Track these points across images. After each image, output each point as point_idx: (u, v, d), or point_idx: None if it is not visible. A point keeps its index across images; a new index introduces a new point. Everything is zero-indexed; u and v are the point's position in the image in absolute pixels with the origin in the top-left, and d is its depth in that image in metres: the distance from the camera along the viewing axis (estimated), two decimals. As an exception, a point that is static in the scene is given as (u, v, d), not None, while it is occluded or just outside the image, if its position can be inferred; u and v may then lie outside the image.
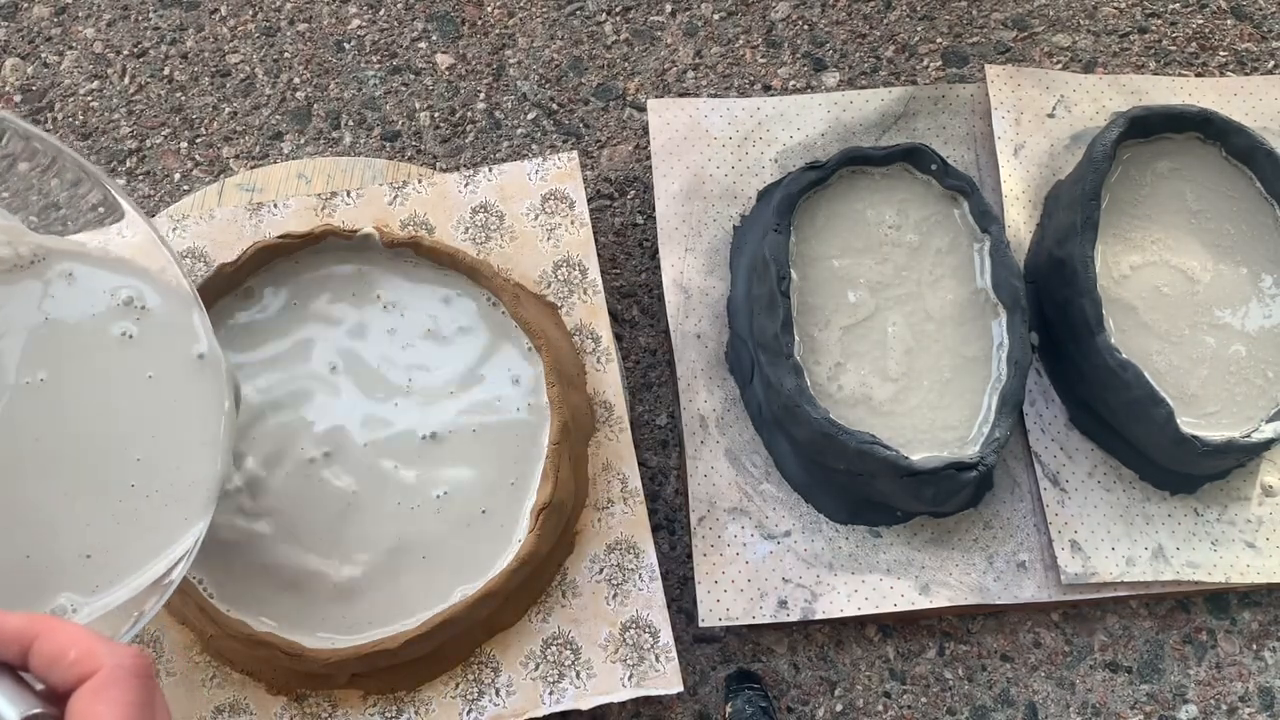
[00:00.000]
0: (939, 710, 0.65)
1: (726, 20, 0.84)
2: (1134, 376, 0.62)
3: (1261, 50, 0.83)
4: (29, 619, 0.32)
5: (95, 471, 0.48)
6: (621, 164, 0.79)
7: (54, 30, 0.83)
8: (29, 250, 0.48)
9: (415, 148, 0.79)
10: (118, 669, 0.31)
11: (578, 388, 0.66)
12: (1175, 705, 0.65)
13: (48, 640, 0.32)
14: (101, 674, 0.31)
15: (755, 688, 0.62)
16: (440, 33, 0.83)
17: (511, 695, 0.60)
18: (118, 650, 0.32)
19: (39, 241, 0.49)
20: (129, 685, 0.31)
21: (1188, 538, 0.65)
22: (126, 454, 0.49)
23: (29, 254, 0.48)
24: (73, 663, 0.31)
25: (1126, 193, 0.70)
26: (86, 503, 0.48)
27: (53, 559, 0.47)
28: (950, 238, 0.69)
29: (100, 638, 0.32)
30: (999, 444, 0.62)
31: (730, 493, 0.66)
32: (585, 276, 0.69)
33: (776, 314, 0.63)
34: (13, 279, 0.48)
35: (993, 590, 0.64)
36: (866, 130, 0.75)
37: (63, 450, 0.48)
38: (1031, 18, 0.84)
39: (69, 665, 0.31)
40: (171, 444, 0.50)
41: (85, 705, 0.31)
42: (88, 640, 0.32)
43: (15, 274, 0.48)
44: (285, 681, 0.60)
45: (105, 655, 0.31)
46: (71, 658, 0.31)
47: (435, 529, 0.61)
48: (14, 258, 0.48)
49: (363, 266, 0.67)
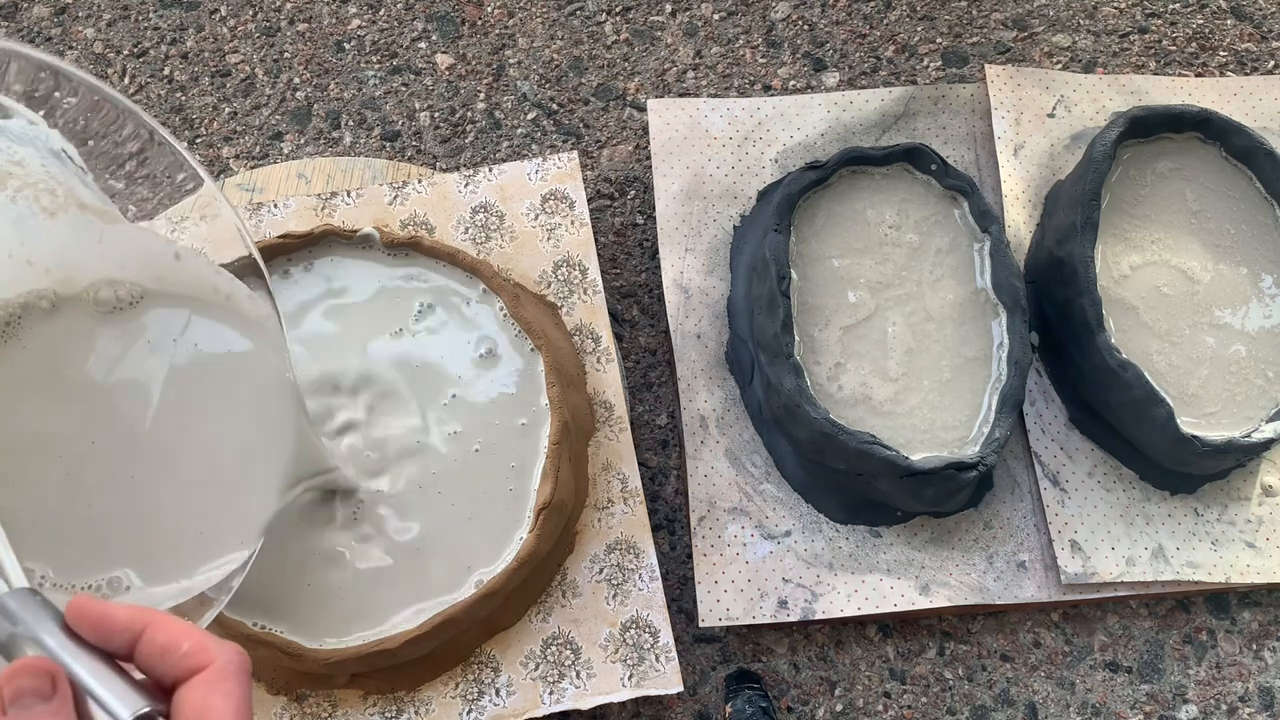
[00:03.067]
0: (939, 710, 0.65)
1: (726, 20, 0.84)
2: (1134, 376, 0.62)
3: (1261, 50, 0.83)
4: (136, 610, 0.33)
5: (184, 477, 0.50)
6: (621, 164, 0.79)
7: (54, 30, 0.83)
8: (127, 293, 0.49)
9: (415, 148, 0.79)
10: (229, 663, 0.32)
11: (578, 388, 0.66)
12: (1175, 705, 0.65)
13: (160, 631, 0.32)
14: (214, 666, 0.32)
15: (755, 688, 0.62)
16: (440, 33, 0.83)
17: (511, 695, 0.60)
18: (226, 646, 0.33)
19: (135, 281, 0.49)
20: (240, 680, 0.32)
21: (1188, 538, 0.65)
22: (217, 464, 0.51)
23: (127, 296, 0.49)
24: (185, 654, 0.32)
25: (1126, 193, 0.70)
26: (172, 501, 0.49)
27: (133, 538, 0.48)
28: (950, 238, 0.69)
29: (208, 634, 0.33)
30: (999, 444, 0.62)
31: (730, 493, 0.66)
32: (585, 276, 0.69)
33: (776, 314, 0.63)
34: (116, 321, 0.49)
35: (993, 590, 0.64)
36: (866, 130, 0.75)
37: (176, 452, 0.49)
38: (1031, 18, 0.84)
39: (182, 656, 0.32)
40: (248, 465, 0.52)
41: (200, 696, 0.31)
42: (199, 634, 0.33)
43: (116, 316, 0.49)
44: (285, 681, 0.60)
45: (216, 650, 0.32)
46: (185, 649, 0.32)
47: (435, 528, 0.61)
48: (113, 300, 0.49)
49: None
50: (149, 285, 0.49)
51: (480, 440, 0.62)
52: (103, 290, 0.48)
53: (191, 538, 0.50)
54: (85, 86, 0.47)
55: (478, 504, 0.61)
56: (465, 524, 0.61)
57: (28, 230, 0.45)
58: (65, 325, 0.47)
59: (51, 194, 0.46)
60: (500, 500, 0.61)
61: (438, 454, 0.62)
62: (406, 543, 0.60)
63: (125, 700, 0.31)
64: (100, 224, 0.48)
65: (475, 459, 0.62)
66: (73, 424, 0.47)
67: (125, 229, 0.49)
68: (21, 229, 0.45)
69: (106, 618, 0.33)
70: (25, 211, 0.45)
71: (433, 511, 0.61)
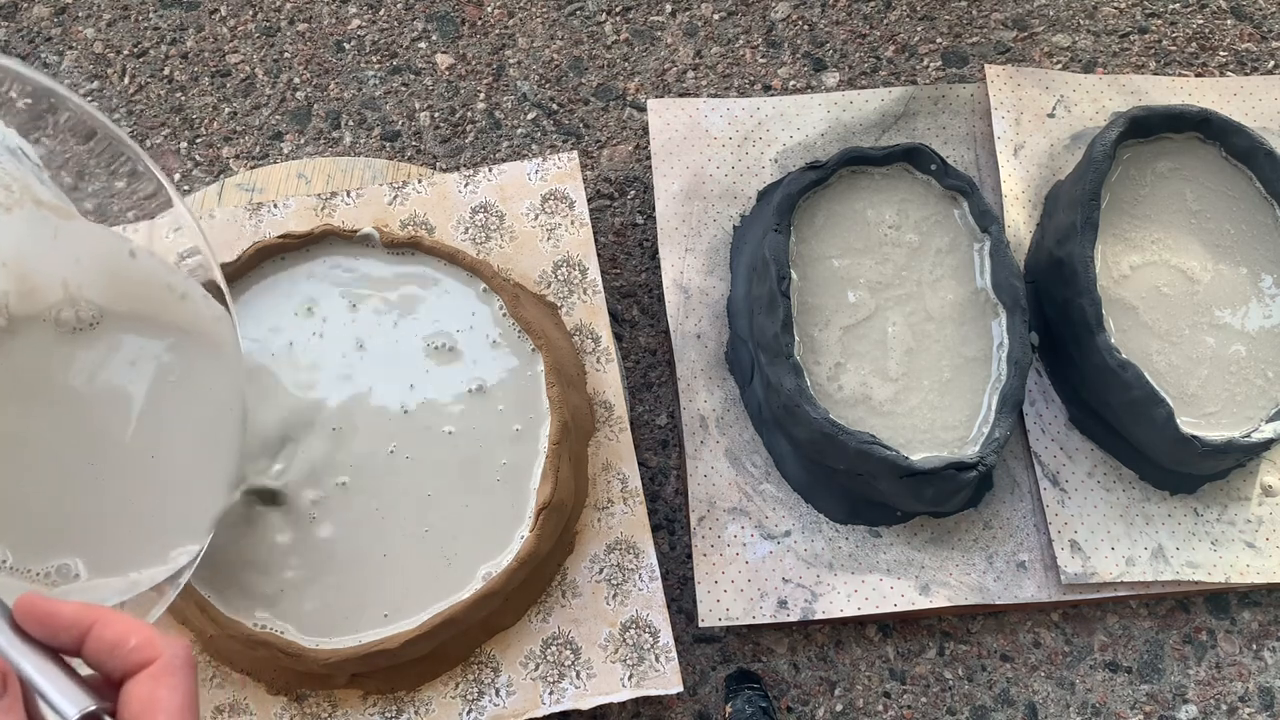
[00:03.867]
0: (939, 710, 0.65)
1: (726, 20, 0.84)
2: (1134, 376, 0.62)
3: (1261, 50, 0.83)
4: (82, 607, 0.33)
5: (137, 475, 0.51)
6: (621, 164, 0.79)
7: (54, 30, 0.83)
8: (86, 313, 0.50)
9: (415, 148, 0.79)
10: (175, 658, 0.33)
11: (578, 388, 0.66)
12: (1175, 705, 0.65)
13: (107, 627, 0.33)
14: (161, 661, 0.32)
15: (755, 688, 0.62)
16: (440, 33, 0.83)
17: (511, 695, 0.60)
18: (172, 641, 0.33)
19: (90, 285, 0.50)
20: (186, 674, 0.33)
21: (1188, 538, 0.65)
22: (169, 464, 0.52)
23: (87, 317, 0.50)
24: (133, 649, 0.32)
25: (1126, 193, 0.70)
26: (125, 497, 0.51)
27: (86, 529, 0.49)
28: (950, 238, 0.69)
29: (155, 629, 0.34)
30: (999, 444, 0.62)
31: (730, 493, 0.66)
32: (585, 276, 0.69)
33: (776, 314, 0.63)
34: (77, 341, 0.50)
35: (993, 590, 0.64)
36: (866, 130, 0.75)
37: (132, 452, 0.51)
38: (1031, 18, 0.84)
39: (129, 652, 0.32)
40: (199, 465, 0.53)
41: (147, 690, 0.32)
42: (146, 630, 0.33)
43: (78, 337, 0.50)
44: (285, 681, 0.60)
45: (163, 645, 0.33)
46: (132, 644, 0.32)
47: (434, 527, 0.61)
48: (74, 321, 0.50)
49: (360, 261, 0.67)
50: (105, 296, 0.50)
51: (480, 440, 0.62)
52: (64, 311, 0.49)
53: (142, 532, 0.51)
54: (38, 88, 0.48)
55: (478, 504, 0.61)
56: (466, 524, 0.61)
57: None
58: (31, 341, 0.48)
59: (7, 189, 0.47)
60: (500, 500, 0.61)
61: (438, 454, 0.62)
62: (407, 542, 0.60)
63: (72, 698, 0.32)
64: (56, 220, 0.49)
65: (475, 459, 0.62)
66: (37, 426, 0.48)
67: (81, 225, 0.50)
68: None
69: (54, 614, 0.33)
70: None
71: (433, 511, 0.61)
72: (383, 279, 0.67)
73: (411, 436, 0.63)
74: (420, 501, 0.61)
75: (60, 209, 0.49)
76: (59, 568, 0.48)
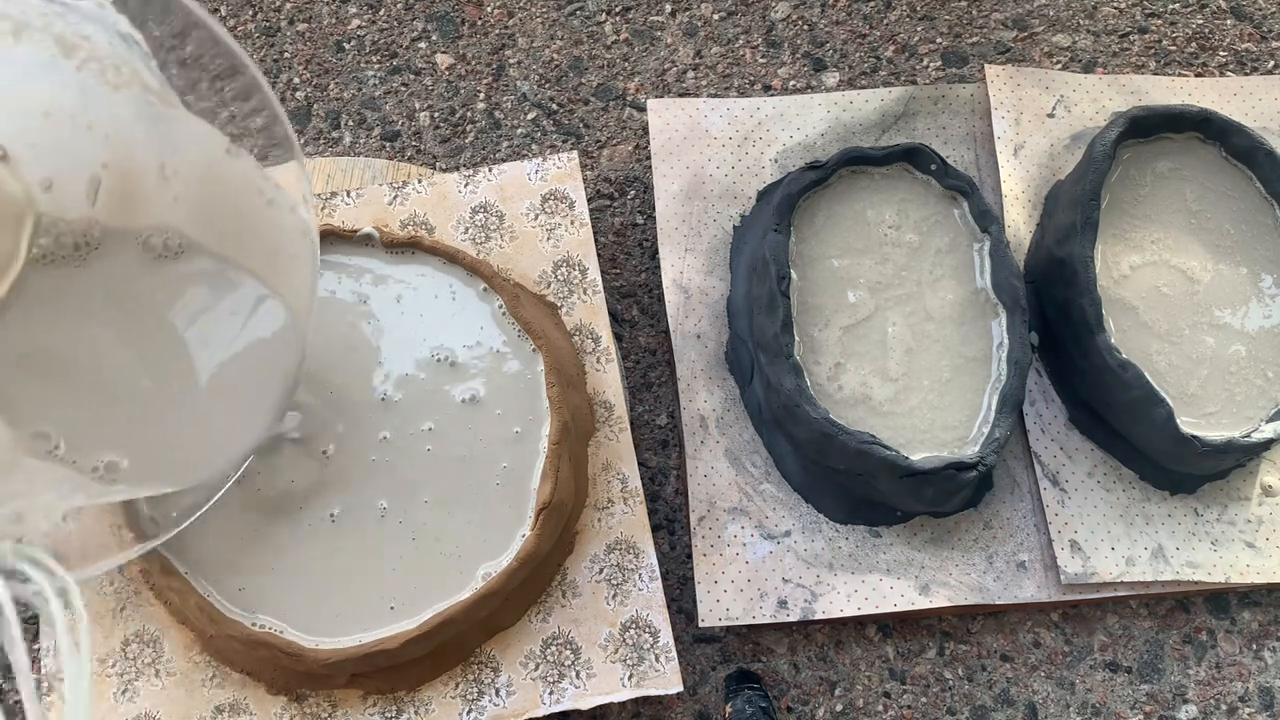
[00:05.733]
0: (939, 710, 0.65)
1: (726, 20, 0.84)
2: (1134, 376, 0.62)
3: (1261, 50, 0.83)
4: None
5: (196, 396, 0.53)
6: (621, 164, 0.79)
7: (54, 30, 0.83)
8: (175, 242, 0.52)
9: (415, 148, 0.79)
10: None
11: (578, 388, 0.66)
12: (1175, 705, 0.65)
13: None
14: None
15: (755, 688, 0.62)
16: (440, 33, 0.83)
17: (511, 695, 0.60)
18: None
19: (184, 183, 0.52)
20: None
21: (1188, 538, 0.65)
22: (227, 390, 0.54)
23: (175, 245, 0.51)
24: None
25: (1126, 193, 0.70)
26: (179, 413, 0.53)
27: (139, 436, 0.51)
28: (950, 238, 0.69)
29: None
30: (999, 444, 0.62)
31: (730, 493, 0.66)
32: (585, 276, 0.69)
33: (776, 314, 0.63)
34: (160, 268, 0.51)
35: (993, 590, 0.64)
36: (866, 130, 0.75)
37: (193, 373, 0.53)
38: (1031, 18, 0.84)
39: None
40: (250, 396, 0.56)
41: None
42: None
43: (161, 263, 0.51)
44: (285, 681, 0.60)
45: None
46: None
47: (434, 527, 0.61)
48: (160, 248, 0.51)
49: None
50: (196, 188, 0.51)
51: (481, 441, 0.63)
52: (153, 236, 0.50)
53: (188, 449, 0.53)
54: None
55: (479, 504, 0.61)
56: (466, 524, 0.61)
57: (91, 98, 0.47)
58: (118, 260, 0.49)
59: (117, 70, 0.48)
60: (501, 500, 0.61)
61: (438, 455, 0.62)
62: (407, 543, 0.60)
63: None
64: (161, 106, 0.50)
65: (476, 459, 0.62)
66: (108, 338, 0.50)
67: (183, 115, 0.51)
68: (85, 96, 0.47)
69: None
70: (90, 81, 0.47)
71: (434, 511, 0.61)
72: (383, 279, 0.67)
73: (411, 436, 0.63)
74: (420, 501, 0.61)
75: (165, 97, 0.50)
76: (108, 464, 0.50)
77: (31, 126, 0.46)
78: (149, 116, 0.49)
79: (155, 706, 0.59)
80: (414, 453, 0.62)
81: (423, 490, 0.61)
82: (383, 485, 0.62)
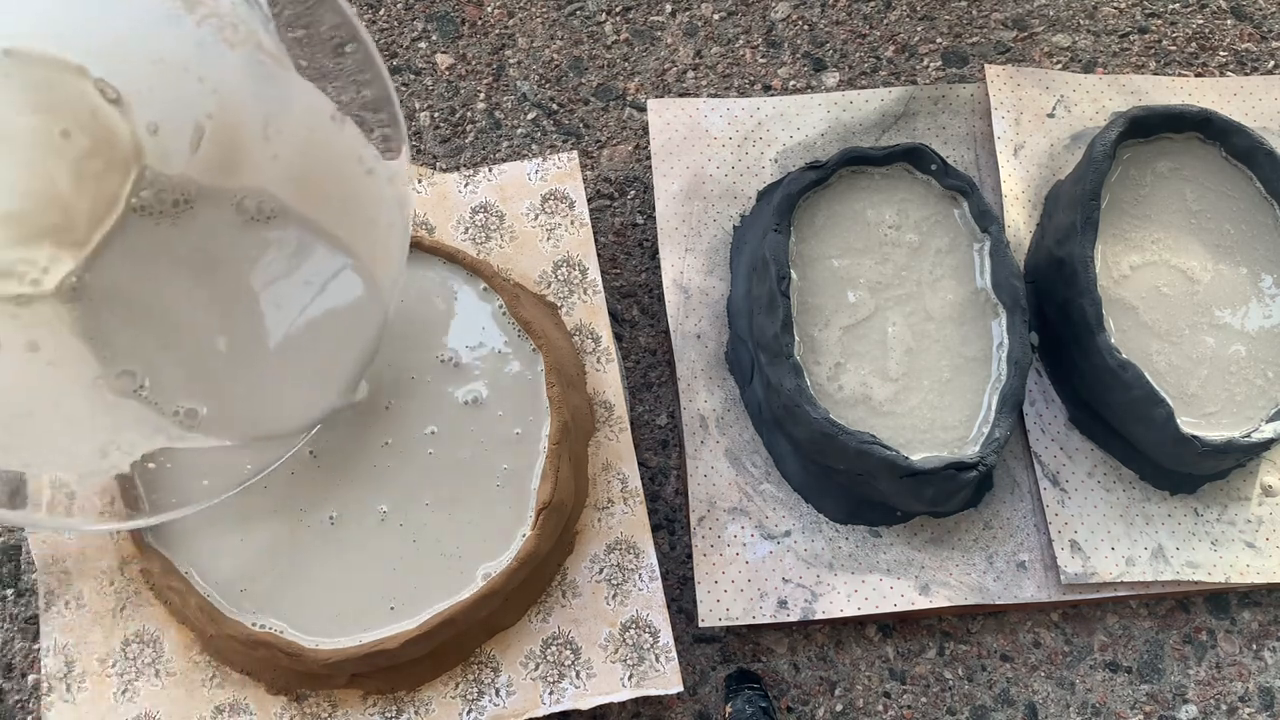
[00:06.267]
0: (939, 710, 0.65)
1: (726, 20, 0.84)
2: (1134, 376, 0.62)
3: (1261, 50, 0.83)
4: None
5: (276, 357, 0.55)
6: (621, 164, 0.79)
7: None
8: (268, 207, 0.53)
9: (415, 148, 0.79)
10: None
11: (578, 388, 0.66)
12: (1175, 705, 0.65)
13: None
14: None
15: (755, 688, 0.62)
16: (440, 33, 0.83)
17: (511, 695, 0.60)
18: None
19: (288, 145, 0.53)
20: None
21: (1188, 538, 0.65)
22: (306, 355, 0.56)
23: (268, 209, 0.53)
24: None
25: (1126, 193, 0.70)
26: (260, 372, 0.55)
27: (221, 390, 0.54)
28: (950, 238, 0.69)
29: None
30: (999, 444, 0.62)
31: (730, 493, 0.66)
32: (585, 276, 0.69)
33: (776, 314, 0.63)
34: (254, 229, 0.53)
35: (993, 590, 0.64)
36: (866, 130, 0.75)
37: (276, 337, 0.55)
38: (1031, 18, 0.84)
39: None
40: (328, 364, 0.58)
41: None
42: None
43: (253, 226, 0.52)
44: (285, 681, 0.60)
45: None
46: None
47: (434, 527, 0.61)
48: (253, 210, 0.52)
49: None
50: (298, 150, 0.52)
51: (481, 441, 0.63)
52: (247, 200, 0.52)
53: (260, 408, 0.55)
54: None
55: (479, 504, 0.61)
56: (467, 524, 0.61)
57: (207, 53, 0.48)
58: (212, 220, 0.51)
59: (234, 28, 0.49)
60: (501, 500, 0.61)
61: (438, 454, 0.62)
62: (407, 543, 0.60)
63: None
64: (273, 66, 0.51)
65: (476, 461, 0.62)
66: (198, 295, 0.52)
67: (294, 78, 0.52)
68: (201, 50, 0.48)
69: None
70: (208, 37, 0.48)
71: (434, 511, 0.61)
72: None
73: (411, 437, 0.63)
74: (421, 504, 0.61)
75: (279, 58, 0.51)
76: (188, 410, 0.51)
77: (146, 73, 0.47)
78: (260, 76, 0.50)
79: (155, 706, 0.59)
80: (416, 457, 0.62)
81: (423, 493, 0.62)
82: (384, 490, 0.62)
